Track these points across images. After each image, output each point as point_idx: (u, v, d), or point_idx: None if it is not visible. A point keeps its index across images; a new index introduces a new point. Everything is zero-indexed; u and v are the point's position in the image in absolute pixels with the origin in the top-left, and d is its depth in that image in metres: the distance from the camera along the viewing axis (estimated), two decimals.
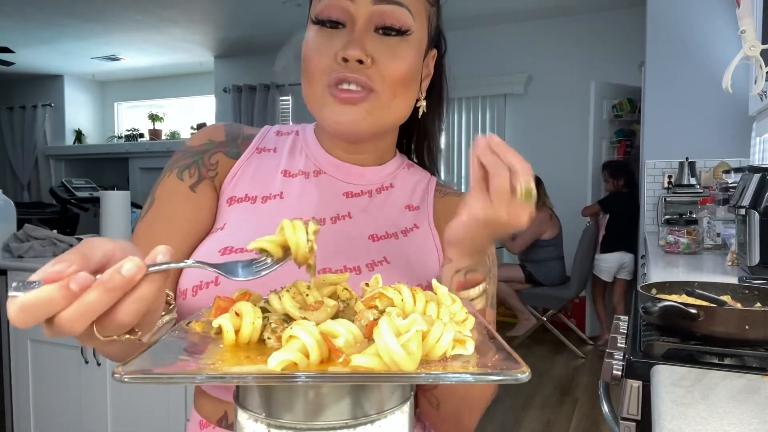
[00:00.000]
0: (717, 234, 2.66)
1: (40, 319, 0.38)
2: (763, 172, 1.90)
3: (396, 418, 0.42)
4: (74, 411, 2.35)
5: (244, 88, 6.76)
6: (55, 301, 0.38)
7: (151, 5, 5.08)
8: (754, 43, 1.79)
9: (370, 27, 0.70)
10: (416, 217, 0.81)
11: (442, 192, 0.85)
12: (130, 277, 0.39)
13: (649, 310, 1.07)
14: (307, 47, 0.72)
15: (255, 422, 0.40)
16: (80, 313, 0.38)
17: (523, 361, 0.39)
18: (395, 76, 0.71)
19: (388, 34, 0.71)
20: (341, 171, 0.80)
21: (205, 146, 0.79)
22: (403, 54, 0.72)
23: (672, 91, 3.63)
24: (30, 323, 0.38)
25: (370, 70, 0.69)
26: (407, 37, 0.72)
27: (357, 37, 0.69)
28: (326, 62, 0.70)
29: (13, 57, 6.18)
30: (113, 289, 0.39)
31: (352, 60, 0.68)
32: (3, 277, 2.48)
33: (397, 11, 0.71)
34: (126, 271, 0.39)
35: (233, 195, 0.76)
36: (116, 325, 0.41)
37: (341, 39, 0.70)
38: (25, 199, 8.01)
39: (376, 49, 0.70)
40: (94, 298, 0.38)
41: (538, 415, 3.32)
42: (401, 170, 0.85)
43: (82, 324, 0.39)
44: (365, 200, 0.79)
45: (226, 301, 0.46)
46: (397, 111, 0.74)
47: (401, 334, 0.37)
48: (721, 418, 0.73)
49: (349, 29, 0.70)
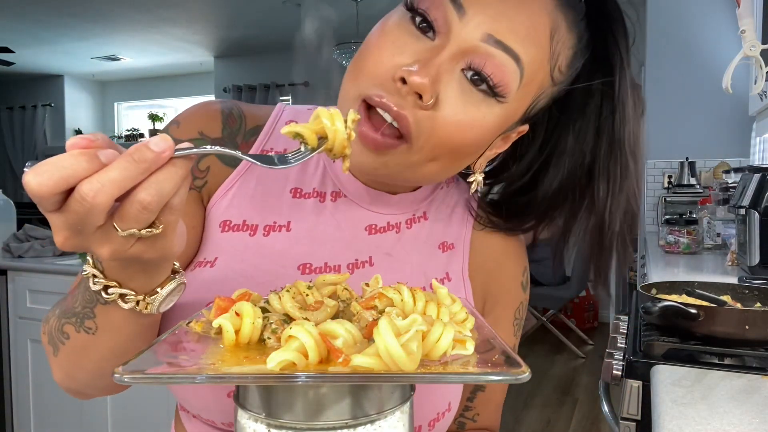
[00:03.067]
0: (717, 234, 2.66)
1: (59, 183, 0.34)
2: (763, 172, 1.90)
3: (396, 418, 0.42)
4: (74, 411, 2.35)
5: (244, 88, 6.77)
6: (79, 167, 0.34)
7: (151, 5, 5.08)
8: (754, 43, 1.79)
9: (459, 60, 0.52)
10: (450, 261, 0.67)
11: (482, 220, 0.70)
12: (159, 151, 0.35)
13: (649, 310, 1.07)
14: (375, 34, 0.55)
15: (255, 422, 0.40)
16: (103, 182, 0.34)
17: (523, 361, 0.39)
18: (449, 139, 0.53)
19: (476, 84, 0.53)
20: (365, 196, 0.64)
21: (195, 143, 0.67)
22: (479, 119, 0.53)
23: (672, 91, 3.63)
24: (47, 186, 0.33)
25: (423, 113, 0.52)
26: (498, 102, 0.54)
27: (437, 63, 0.51)
28: (382, 69, 0.53)
29: (13, 57, 6.19)
30: (141, 161, 0.35)
31: (411, 88, 0.51)
32: (3, 277, 2.48)
33: (506, 64, 0.52)
34: (155, 145, 0.35)
35: (228, 219, 0.62)
36: (138, 209, 0.36)
37: (420, 50, 0.52)
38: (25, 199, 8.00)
39: (449, 92, 0.52)
40: (120, 168, 0.34)
41: (538, 415, 3.32)
42: (439, 191, 0.70)
43: (104, 197, 0.34)
44: (391, 238, 0.65)
45: (226, 301, 0.46)
46: (429, 176, 0.58)
47: (401, 334, 0.37)
48: (721, 418, 0.73)
49: (437, 45, 0.52)
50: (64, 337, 0.53)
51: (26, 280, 2.44)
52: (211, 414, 0.59)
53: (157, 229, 0.39)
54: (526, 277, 0.73)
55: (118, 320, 0.48)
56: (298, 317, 0.44)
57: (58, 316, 0.54)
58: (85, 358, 0.53)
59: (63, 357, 0.55)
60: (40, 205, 0.35)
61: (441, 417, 0.62)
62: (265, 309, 0.46)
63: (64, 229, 0.36)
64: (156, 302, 0.47)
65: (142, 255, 0.40)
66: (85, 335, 0.51)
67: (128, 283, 0.45)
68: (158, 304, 0.47)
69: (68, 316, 0.52)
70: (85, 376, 0.56)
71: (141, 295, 0.46)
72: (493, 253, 0.70)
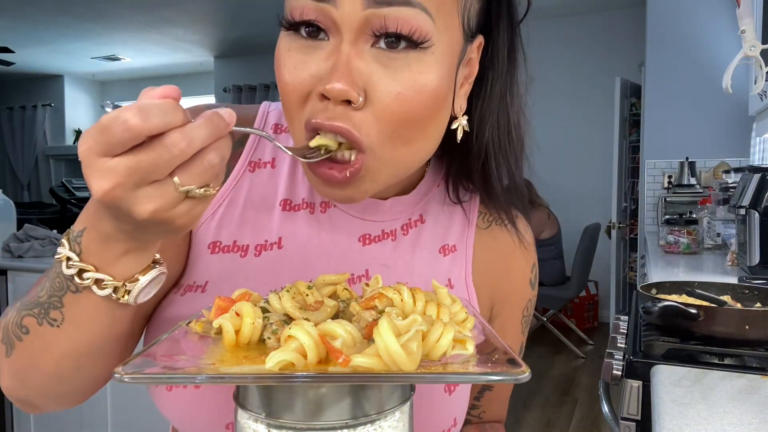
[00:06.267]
0: (717, 234, 2.66)
1: (162, 125, 0.35)
2: (763, 172, 1.90)
3: (396, 418, 0.42)
4: (74, 411, 2.35)
5: (244, 88, 6.77)
6: (176, 117, 0.36)
7: (151, 5, 5.08)
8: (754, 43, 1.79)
9: (365, 38, 0.48)
10: (452, 266, 0.64)
11: (486, 219, 0.66)
12: (229, 121, 0.39)
13: (649, 310, 1.07)
14: (278, 66, 0.51)
15: (255, 422, 0.40)
16: (194, 136, 0.36)
17: (523, 361, 0.39)
18: (403, 117, 0.49)
19: (394, 46, 0.48)
20: (355, 204, 0.61)
21: None
22: (418, 80, 0.49)
23: (672, 91, 3.63)
24: (153, 126, 0.35)
25: (361, 114, 0.48)
26: (425, 49, 0.49)
27: (344, 59, 0.47)
28: (303, 94, 0.50)
29: (13, 57, 6.19)
30: (217, 125, 0.38)
31: (336, 99, 0.47)
32: (3, 277, 2.48)
33: (405, 13, 0.47)
34: (227, 115, 0.39)
35: (217, 240, 0.59)
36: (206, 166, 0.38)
37: (324, 57, 0.49)
38: (25, 199, 8.02)
39: (374, 77, 0.48)
40: (204, 127, 0.37)
41: (538, 415, 3.32)
42: (435, 189, 0.65)
43: (192, 149, 0.36)
44: (388, 247, 0.62)
45: (227, 301, 0.46)
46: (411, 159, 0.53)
47: (401, 335, 0.37)
48: (721, 418, 0.73)
49: (335, 43, 0.49)
50: (22, 331, 0.48)
51: (26, 280, 2.44)
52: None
53: (213, 190, 0.40)
54: (534, 274, 0.71)
55: (89, 310, 0.45)
56: (298, 317, 0.44)
57: (17, 309, 0.49)
58: (43, 356, 0.48)
59: (17, 356, 0.49)
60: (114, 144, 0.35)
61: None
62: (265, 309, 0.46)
63: (122, 176, 0.36)
64: (135, 290, 0.43)
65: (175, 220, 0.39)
66: (49, 328, 0.46)
67: (107, 267, 0.42)
68: (137, 293, 0.44)
69: (30, 307, 0.47)
70: (40, 380, 0.50)
71: (120, 281, 0.43)
72: (501, 252, 0.67)
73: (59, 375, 0.49)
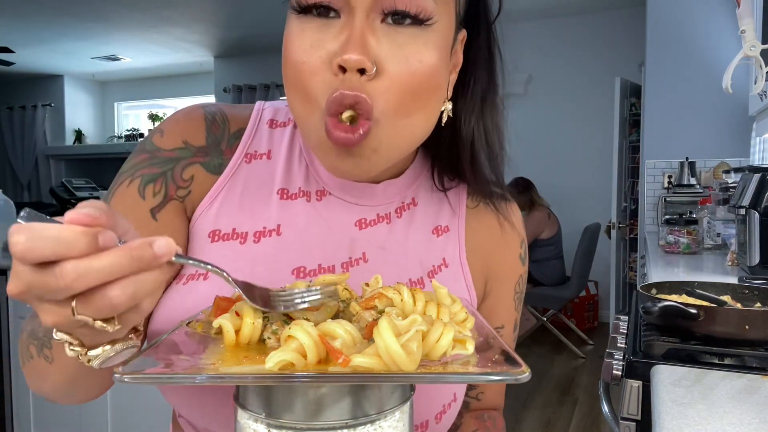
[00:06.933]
0: (717, 234, 2.66)
1: (46, 253, 0.32)
2: (763, 172, 1.90)
3: (396, 418, 0.42)
4: (74, 411, 2.35)
5: (244, 88, 6.77)
6: (74, 245, 0.32)
7: (151, 5, 5.08)
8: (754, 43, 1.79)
9: (375, 15, 0.51)
10: (445, 246, 0.67)
11: (474, 199, 0.70)
12: (159, 254, 0.34)
13: (649, 310, 1.07)
14: (290, 47, 0.53)
15: (255, 422, 0.40)
16: (89, 270, 0.33)
17: (523, 361, 0.39)
18: (410, 87, 0.52)
19: (400, 22, 0.52)
20: (350, 191, 0.64)
21: (178, 152, 0.61)
22: (422, 54, 0.52)
23: (672, 91, 3.63)
24: (32, 253, 0.32)
25: (373, 83, 0.51)
26: (428, 27, 0.53)
27: (357, 33, 0.50)
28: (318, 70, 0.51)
29: (13, 57, 6.19)
30: (138, 259, 0.34)
31: (352, 69, 0.50)
32: (3, 277, 2.48)
33: None
34: (158, 247, 0.34)
35: (216, 228, 0.60)
36: (105, 303, 0.34)
37: (336, 34, 0.51)
38: (25, 199, 8.02)
39: (384, 49, 0.51)
40: (112, 261, 0.33)
41: (538, 415, 3.32)
42: (423, 177, 0.69)
43: (83, 284, 0.33)
44: (383, 230, 0.64)
45: (227, 301, 0.46)
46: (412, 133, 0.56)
47: (401, 334, 0.37)
48: (721, 418, 0.73)
49: (346, 20, 0.51)
50: (28, 356, 0.55)
51: None
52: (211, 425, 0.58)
53: (112, 327, 0.37)
54: (524, 249, 0.73)
55: (67, 359, 0.45)
56: (298, 317, 0.44)
57: (28, 333, 0.55)
58: (44, 380, 0.55)
59: (28, 371, 0.56)
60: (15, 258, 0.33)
61: (447, 408, 0.62)
62: None
63: (24, 285, 0.34)
64: (98, 360, 0.41)
65: (83, 335, 0.38)
66: (44, 362, 0.52)
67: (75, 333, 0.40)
68: (101, 362, 0.41)
69: (33, 337, 0.53)
70: (47, 392, 0.57)
71: (84, 349, 0.41)
72: (491, 230, 0.70)
73: (59, 394, 0.56)
